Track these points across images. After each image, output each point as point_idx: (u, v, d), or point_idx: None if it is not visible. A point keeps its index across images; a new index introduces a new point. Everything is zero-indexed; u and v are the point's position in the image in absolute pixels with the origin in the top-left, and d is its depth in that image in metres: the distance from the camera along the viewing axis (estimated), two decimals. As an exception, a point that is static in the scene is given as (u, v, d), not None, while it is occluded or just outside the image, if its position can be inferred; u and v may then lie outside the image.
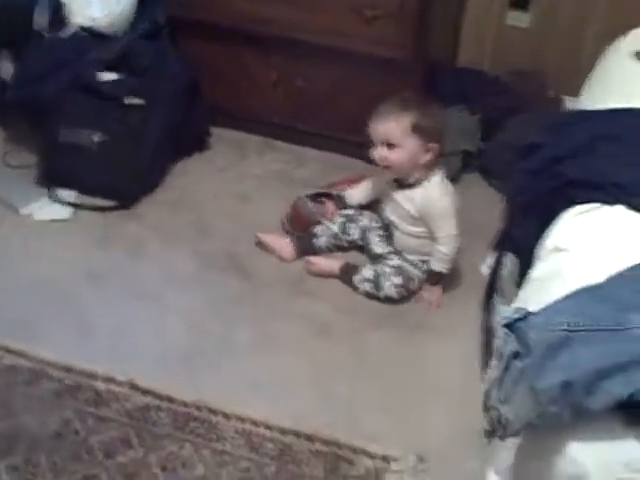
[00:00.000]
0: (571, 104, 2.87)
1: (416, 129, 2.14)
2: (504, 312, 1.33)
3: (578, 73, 2.98)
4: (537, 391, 1.23)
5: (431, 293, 2.25)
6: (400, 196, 2.24)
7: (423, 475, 1.77)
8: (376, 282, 2.22)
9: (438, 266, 2.23)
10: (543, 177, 1.73)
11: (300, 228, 2.44)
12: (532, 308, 1.37)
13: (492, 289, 1.90)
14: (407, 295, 2.25)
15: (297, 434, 1.84)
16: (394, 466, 1.79)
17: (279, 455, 1.80)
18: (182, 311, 2.18)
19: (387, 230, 2.32)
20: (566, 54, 2.99)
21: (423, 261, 2.26)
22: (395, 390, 1.99)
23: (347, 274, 2.28)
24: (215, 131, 2.86)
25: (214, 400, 1.90)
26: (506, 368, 1.30)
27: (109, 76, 2.62)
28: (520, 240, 1.76)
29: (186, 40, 2.82)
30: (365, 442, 1.82)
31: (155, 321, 2.15)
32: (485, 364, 1.94)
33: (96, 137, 2.57)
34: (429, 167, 2.21)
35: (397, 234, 2.28)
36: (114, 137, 2.58)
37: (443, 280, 2.27)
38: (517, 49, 3.03)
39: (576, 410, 1.20)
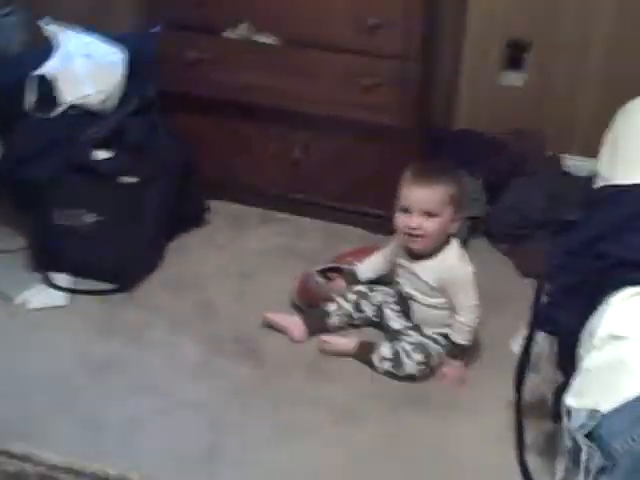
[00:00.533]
0: (572, 164, 2.87)
1: (452, 199, 2.10)
2: (578, 417, 1.24)
3: (575, 131, 2.99)
4: None
5: (453, 369, 2.15)
6: (417, 267, 2.17)
7: None
8: (396, 360, 2.12)
9: (459, 338, 2.14)
10: (585, 257, 1.64)
11: (309, 303, 2.34)
12: (596, 402, 1.29)
13: (524, 367, 1.81)
14: (429, 372, 2.15)
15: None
16: None
17: None
18: (194, 403, 2.06)
19: (403, 304, 2.23)
20: (562, 112, 2.96)
21: (443, 335, 2.17)
22: (429, 477, 1.87)
23: (364, 353, 2.18)
24: (212, 205, 2.78)
25: (238, 499, 1.79)
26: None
27: (102, 154, 2.52)
28: (563, 322, 1.66)
29: (178, 114, 2.74)
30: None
31: (166, 415, 2.02)
32: (520, 444, 1.85)
33: (91, 218, 2.46)
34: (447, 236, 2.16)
35: (415, 306, 2.20)
36: (109, 217, 2.47)
37: (464, 353, 2.18)
38: (513, 109, 2.99)
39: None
